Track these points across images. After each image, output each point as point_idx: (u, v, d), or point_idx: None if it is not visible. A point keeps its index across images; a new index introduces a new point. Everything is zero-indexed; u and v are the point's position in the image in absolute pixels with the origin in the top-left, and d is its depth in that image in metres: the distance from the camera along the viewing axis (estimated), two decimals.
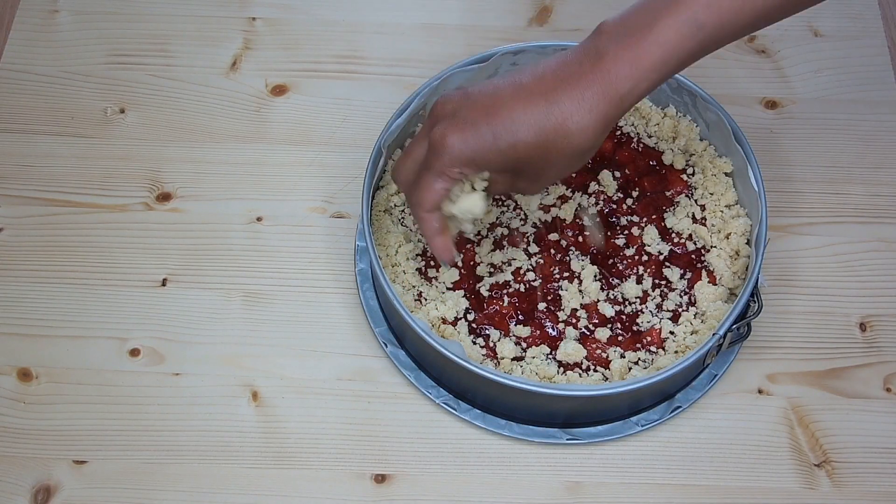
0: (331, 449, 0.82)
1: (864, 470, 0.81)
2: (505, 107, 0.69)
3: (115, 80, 1.00)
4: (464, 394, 0.83)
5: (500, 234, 0.85)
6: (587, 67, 0.68)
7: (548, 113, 0.68)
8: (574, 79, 0.68)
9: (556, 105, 0.68)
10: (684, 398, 0.83)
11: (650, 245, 0.85)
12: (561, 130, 0.68)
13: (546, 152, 0.69)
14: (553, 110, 0.68)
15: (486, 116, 0.69)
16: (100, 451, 0.82)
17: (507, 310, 0.82)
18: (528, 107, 0.68)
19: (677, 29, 0.67)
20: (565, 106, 0.68)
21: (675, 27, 0.67)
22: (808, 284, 0.89)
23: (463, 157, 0.70)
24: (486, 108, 0.69)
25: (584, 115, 0.68)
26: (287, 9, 1.05)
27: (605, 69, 0.67)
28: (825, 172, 0.95)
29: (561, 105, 0.68)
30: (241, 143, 0.97)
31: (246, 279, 0.89)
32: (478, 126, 0.69)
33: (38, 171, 0.95)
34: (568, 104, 0.68)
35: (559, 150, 0.69)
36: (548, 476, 0.81)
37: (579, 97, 0.68)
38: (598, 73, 0.68)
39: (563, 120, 0.68)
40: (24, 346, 0.86)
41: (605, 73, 0.67)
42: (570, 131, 0.68)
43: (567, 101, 0.68)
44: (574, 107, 0.68)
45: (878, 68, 1.01)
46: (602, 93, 0.68)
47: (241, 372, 0.85)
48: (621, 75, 0.67)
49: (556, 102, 0.68)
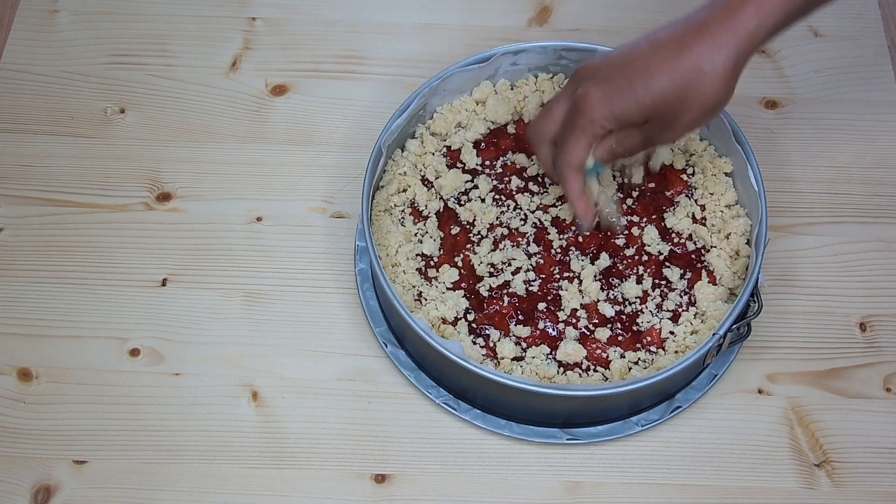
0: (331, 449, 0.82)
1: (864, 470, 0.81)
2: (640, 60, 0.73)
3: (115, 80, 1.00)
4: (464, 394, 0.83)
5: (500, 235, 0.85)
6: (714, 13, 0.72)
7: (681, 58, 0.72)
8: (703, 24, 0.72)
9: (688, 50, 0.71)
10: (684, 398, 0.83)
11: (650, 245, 0.85)
12: (694, 72, 0.71)
13: (682, 96, 0.72)
14: (686, 54, 0.71)
15: (624, 71, 0.73)
16: (100, 451, 0.82)
17: (507, 310, 0.82)
18: (662, 56, 0.72)
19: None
20: (697, 49, 0.71)
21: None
22: (808, 284, 0.89)
23: (605, 112, 0.74)
24: (623, 64, 0.74)
25: (715, 54, 0.71)
26: (287, 9, 1.05)
27: (731, 10, 0.71)
28: (825, 172, 0.95)
29: (693, 49, 0.71)
30: (241, 143, 0.97)
31: (246, 279, 0.89)
32: (616, 81, 0.73)
33: (38, 171, 0.95)
34: (699, 48, 0.71)
35: (695, 91, 0.72)
36: (548, 476, 0.81)
37: (709, 39, 0.71)
38: (724, 15, 0.71)
39: (696, 62, 0.71)
40: (24, 346, 0.86)
41: (731, 14, 0.71)
42: (704, 72, 0.71)
43: (698, 45, 0.71)
44: (705, 48, 0.71)
45: (878, 68, 1.01)
46: (730, 32, 0.71)
47: (241, 372, 0.85)
48: (748, 14, 0.71)
49: (688, 47, 0.71)
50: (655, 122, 0.75)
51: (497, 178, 0.88)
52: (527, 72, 0.92)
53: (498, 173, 0.88)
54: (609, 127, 0.75)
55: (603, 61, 0.76)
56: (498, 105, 0.91)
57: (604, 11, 1.04)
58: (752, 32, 0.71)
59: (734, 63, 0.72)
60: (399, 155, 0.90)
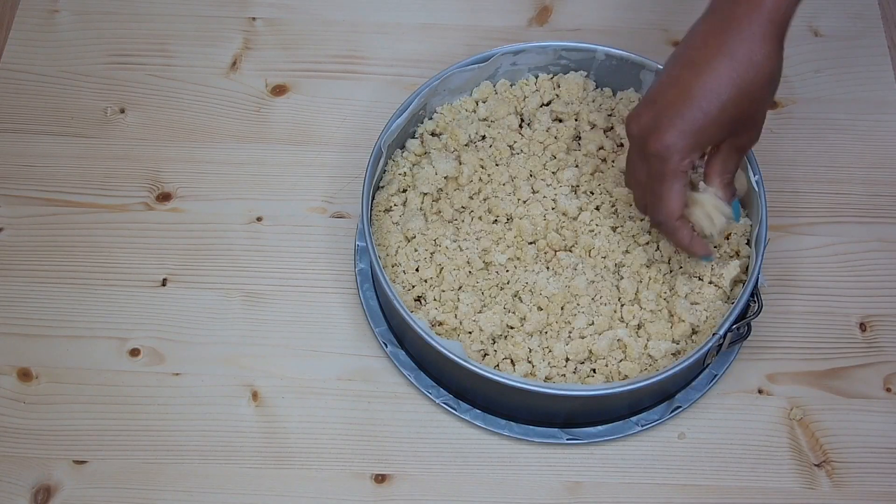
0: (331, 449, 0.82)
1: (864, 470, 0.81)
2: (693, 85, 0.72)
3: (115, 80, 1.00)
4: (464, 394, 0.83)
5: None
6: (732, 10, 0.72)
7: (732, 63, 0.71)
8: (731, 24, 0.72)
9: (734, 53, 0.71)
10: (684, 398, 0.83)
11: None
12: (752, 69, 0.72)
13: (751, 96, 0.72)
14: (735, 58, 0.71)
15: (684, 102, 0.72)
16: (100, 451, 0.82)
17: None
18: (713, 70, 0.72)
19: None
20: (742, 48, 0.71)
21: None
22: (808, 284, 0.89)
23: (687, 147, 0.73)
24: (677, 98, 0.73)
25: (760, 44, 0.71)
26: (287, 9, 1.05)
27: (750, 1, 0.71)
28: (825, 172, 0.95)
29: (737, 50, 0.71)
30: (241, 143, 0.97)
31: (246, 279, 0.89)
32: (683, 114, 0.72)
33: (38, 171, 0.95)
34: (742, 46, 0.71)
35: (759, 86, 0.72)
36: (548, 476, 0.81)
37: (748, 33, 0.71)
38: (745, 7, 0.71)
39: (748, 59, 0.71)
40: (24, 346, 0.86)
41: (752, 4, 0.71)
42: (759, 64, 0.72)
43: (740, 44, 0.71)
44: (749, 44, 0.71)
45: (878, 68, 1.01)
46: (761, 18, 0.71)
47: (241, 372, 0.85)
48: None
49: (733, 50, 0.71)
50: (734, 128, 0.74)
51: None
52: (527, 72, 0.93)
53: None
54: (695, 158, 0.74)
55: (651, 106, 0.74)
56: (498, 105, 0.91)
57: (604, 11, 1.04)
58: (779, 5, 0.71)
59: (778, 42, 0.72)
60: (399, 155, 0.90)
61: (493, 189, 0.87)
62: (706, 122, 0.72)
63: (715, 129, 0.73)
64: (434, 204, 0.87)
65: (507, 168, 0.88)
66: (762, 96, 0.73)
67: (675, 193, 0.75)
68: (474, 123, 0.90)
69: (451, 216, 0.86)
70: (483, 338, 0.81)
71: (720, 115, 0.72)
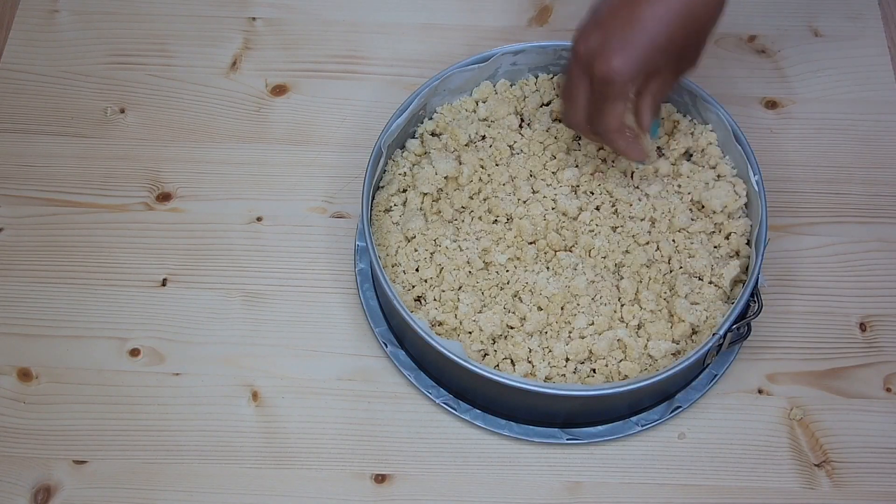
0: (331, 449, 0.82)
1: (864, 470, 0.81)
2: (644, 10, 0.73)
3: (115, 80, 1.00)
4: (464, 394, 0.83)
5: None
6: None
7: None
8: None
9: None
10: (684, 398, 0.83)
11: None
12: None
13: (697, 26, 0.74)
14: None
15: (633, 27, 0.73)
16: (100, 451, 0.82)
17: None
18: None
19: None
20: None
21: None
22: (808, 284, 0.89)
23: (633, 72, 0.74)
24: (626, 22, 0.74)
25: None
26: (287, 9, 1.05)
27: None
28: (825, 172, 0.95)
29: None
30: (241, 143, 0.97)
31: (246, 279, 0.89)
32: (632, 40, 0.73)
33: (38, 171, 0.95)
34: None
35: (707, 17, 0.74)
36: (548, 476, 0.81)
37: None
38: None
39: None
40: (24, 346, 0.86)
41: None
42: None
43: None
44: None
45: (878, 68, 1.01)
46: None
47: (241, 372, 0.85)
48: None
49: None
50: (678, 56, 0.75)
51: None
52: (527, 72, 0.93)
53: None
54: (638, 84, 0.75)
55: (597, 25, 0.75)
56: (498, 105, 0.91)
57: None
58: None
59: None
60: (399, 155, 0.90)
61: (493, 189, 0.87)
62: (653, 49, 0.74)
63: (660, 57, 0.75)
64: (434, 204, 0.87)
65: (507, 168, 0.88)
66: (708, 27, 0.75)
67: (616, 112, 0.77)
68: (474, 123, 0.90)
69: (451, 216, 0.86)
70: (483, 338, 0.81)
71: (668, 43, 0.74)
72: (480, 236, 0.85)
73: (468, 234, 0.85)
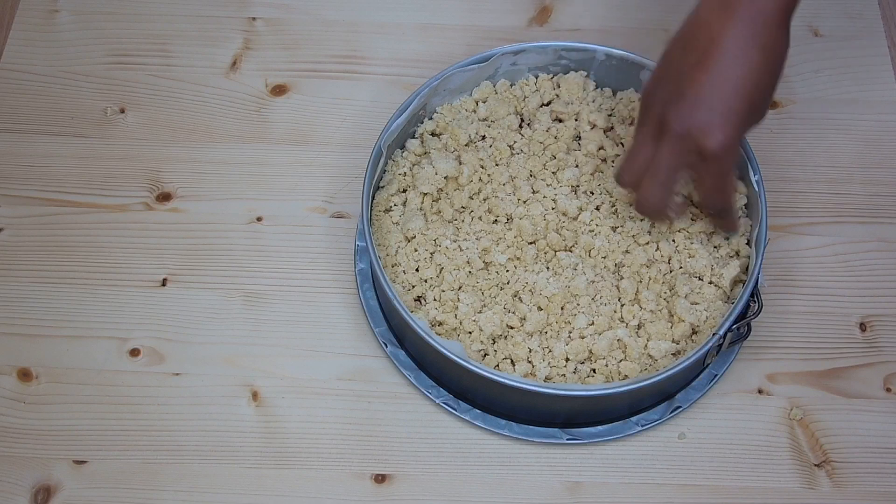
0: (331, 449, 0.82)
1: (864, 470, 0.81)
2: (727, 71, 0.72)
3: (115, 80, 1.00)
4: (464, 394, 0.83)
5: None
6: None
7: (757, 49, 0.72)
8: (738, 9, 0.71)
9: (754, 38, 0.72)
10: (684, 398, 0.83)
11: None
12: (770, 54, 0.73)
13: (773, 74, 0.74)
14: (757, 44, 0.72)
15: (725, 94, 0.72)
16: (100, 451, 0.82)
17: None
18: (743, 57, 0.72)
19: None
20: (763, 34, 0.72)
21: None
22: (808, 284, 0.89)
23: (736, 144, 0.74)
24: (715, 87, 0.72)
25: (775, 29, 0.72)
26: (287, 9, 1.05)
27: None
28: (825, 172, 0.95)
29: (758, 35, 0.72)
30: (241, 143, 0.97)
31: (246, 279, 0.89)
32: (732, 109, 0.72)
33: (38, 171, 0.95)
34: (764, 31, 0.72)
35: (778, 70, 0.74)
36: (548, 476, 0.81)
37: (760, 18, 0.71)
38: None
39: (767, 45, 0.72)
40: (24, 346, 0.86)
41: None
42: (775, 48, 0.73)
43: (761, 29, 0.72)
44: (766, 29, 0.72)
45: (878, 68, 1.01)
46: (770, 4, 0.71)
47: (241, 372, 0.85)
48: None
49: (753, 35, 0.72)
50: (762, 113, 0.75)
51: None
52: (527, 72, 0.93)
53: None
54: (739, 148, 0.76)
55: (686, 97, 0.73)
56: (498, 105, 0.91)
57: (604, 11, 1.04)
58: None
59: (786, 23, 0.73)
60: (399, 155, 0.90)
61: (493, 189, 0.87)
62: (750, 112, 0.73)
63: (756, 116, 0.74)
64: (434, 204, 0.87)
65: (507, 168, 0.88)
66: (778, 77, 0.75)
67: (733, 183, 0.78)
68: (474, 123, 0.90)
69: (451, 216, 0.86)
70: (483, 338, 0.81)
71: (760, 103, 0.73)
72: (480, 236, 0.85)
73: (468, 234, 0.85)
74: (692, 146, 0.74)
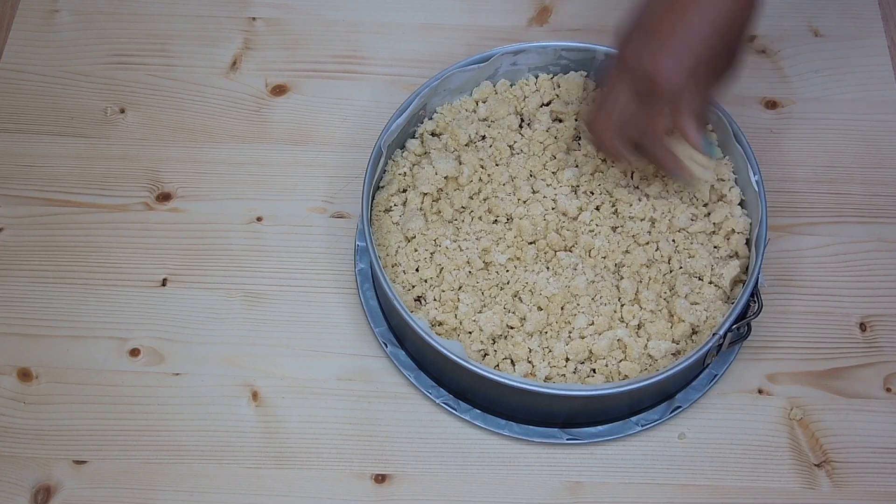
0: (331, 449, 0.82)
1: (864, 470, 0.81)
2: (689, 11, 0.72)
3: (115, 80, 1.00)
4: (464, 394, 0.83)
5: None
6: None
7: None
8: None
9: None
10: (684, 398, 0.83)
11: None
12: (743, 2, 0.72)
13: (740, 21, 0.73)
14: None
15: (682, 30, 0.72)
16: (100, 451, 0.82)
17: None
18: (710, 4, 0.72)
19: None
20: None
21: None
22: (808, 284, 0.89)
23: (685, 76, 0.73)
24: (674, 25, 0.73)
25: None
26: (287, 9, 1.05)
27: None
28: (825, 172, 0.95)
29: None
30: (241, 143, 0.97)
31: (246, 279, 0.89)
32: (683, 43, 0.72)
33: (38, 171, 0.95)
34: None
35: (749, 9, 0.73)
36: (548, 476, 0.81)
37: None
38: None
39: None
40: (24, 346, 0.86)
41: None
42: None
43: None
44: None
45: (878, 68, 1.01)
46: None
47: (241, 372, 0.85)
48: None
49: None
50: (722, 57, 0.75)
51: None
52: (527, 72, 0.93)
53: None
54: (678, 98, 0.74)
55: (638, 30, 0.74)
56: (498, 105, 0.91)
57: (604, 11, 1.04)
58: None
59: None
60: (399, 155, 0.90)
61: (493, 189, 0.87)
62: (706, 52, 0.73)
63: (710, 61, 0.74)
64: (434, 204, 0.87)
65: (507, 168, 0.88)
66: (747, 27, 0.74)
67: (663, 119, 0.75)
68: (474, 123, 0.90)
69: (451, 216, 0.86)
70: (483, 338, 0.81)
71: (718, 46, 0.73)
72: (480, 236, 0.85)
73: (468, 234, 0.85)
74: (645, 79, 0.75)
